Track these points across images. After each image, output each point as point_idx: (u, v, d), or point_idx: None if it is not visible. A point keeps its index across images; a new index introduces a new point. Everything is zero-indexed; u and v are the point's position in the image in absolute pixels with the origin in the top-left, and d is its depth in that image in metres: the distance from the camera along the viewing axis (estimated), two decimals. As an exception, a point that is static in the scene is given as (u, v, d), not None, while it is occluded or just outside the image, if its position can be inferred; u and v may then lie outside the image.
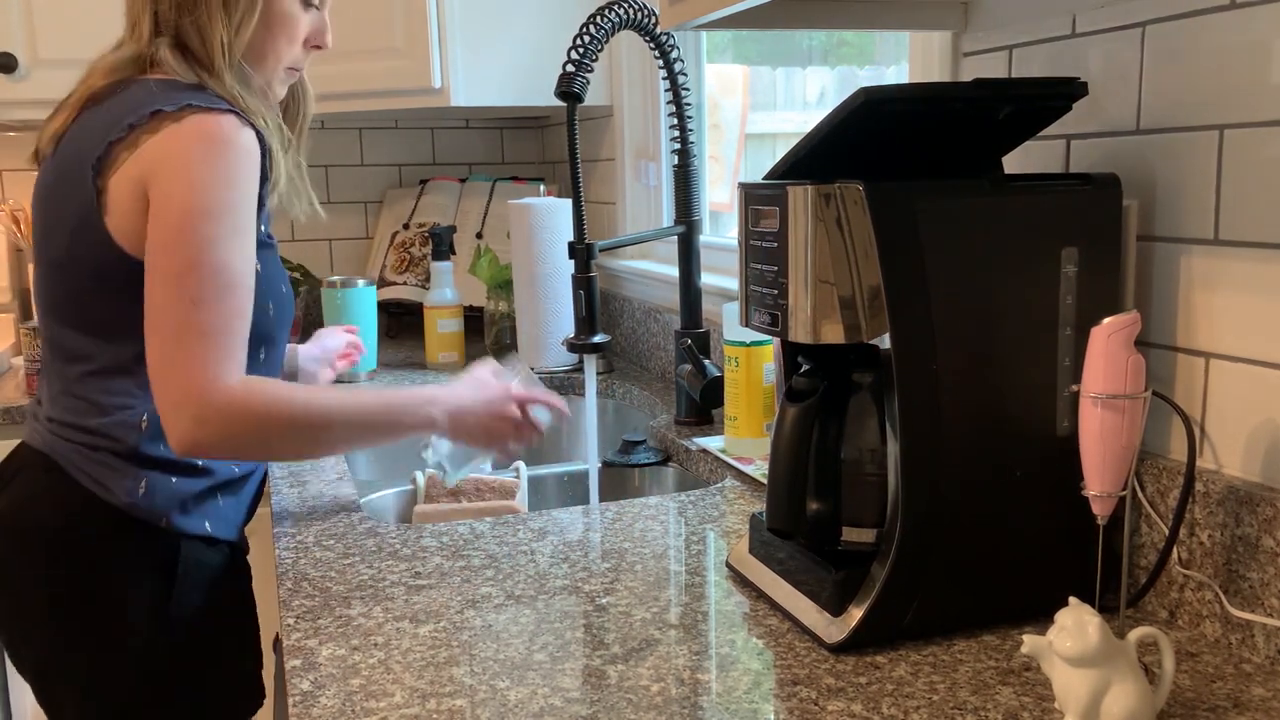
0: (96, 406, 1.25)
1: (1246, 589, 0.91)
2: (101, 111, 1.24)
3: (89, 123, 1.25)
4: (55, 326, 1.29)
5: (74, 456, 1.25)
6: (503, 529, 1.27)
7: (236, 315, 1.18)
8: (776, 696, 0.87)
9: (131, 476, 1.24)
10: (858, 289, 0.92)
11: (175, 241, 1.15)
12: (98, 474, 1.24)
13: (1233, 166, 0.92)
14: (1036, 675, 0.89)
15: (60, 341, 1.28)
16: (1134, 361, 0.85)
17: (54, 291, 1.28)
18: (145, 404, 1.23)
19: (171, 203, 1.16)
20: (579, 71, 1.55)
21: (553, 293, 2.14)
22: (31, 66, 2.31)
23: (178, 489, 1.26)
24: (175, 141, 1.17)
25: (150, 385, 1.17)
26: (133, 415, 1.24)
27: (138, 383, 1.23)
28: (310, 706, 0.86)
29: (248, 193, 1.20)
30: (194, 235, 1.15)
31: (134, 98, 1.22)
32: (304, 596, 1.08)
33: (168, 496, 1.25)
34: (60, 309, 1.28)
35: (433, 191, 2.80)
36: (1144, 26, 1.00)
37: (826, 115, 0.93)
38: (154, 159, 1.18)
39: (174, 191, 1.16)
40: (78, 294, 1.25)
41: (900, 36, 1.56)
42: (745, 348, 1.52)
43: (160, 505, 1.25)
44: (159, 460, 1.25)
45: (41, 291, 1.30)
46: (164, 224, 1.16)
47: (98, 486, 1.24)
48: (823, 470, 1.00)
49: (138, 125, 1.19)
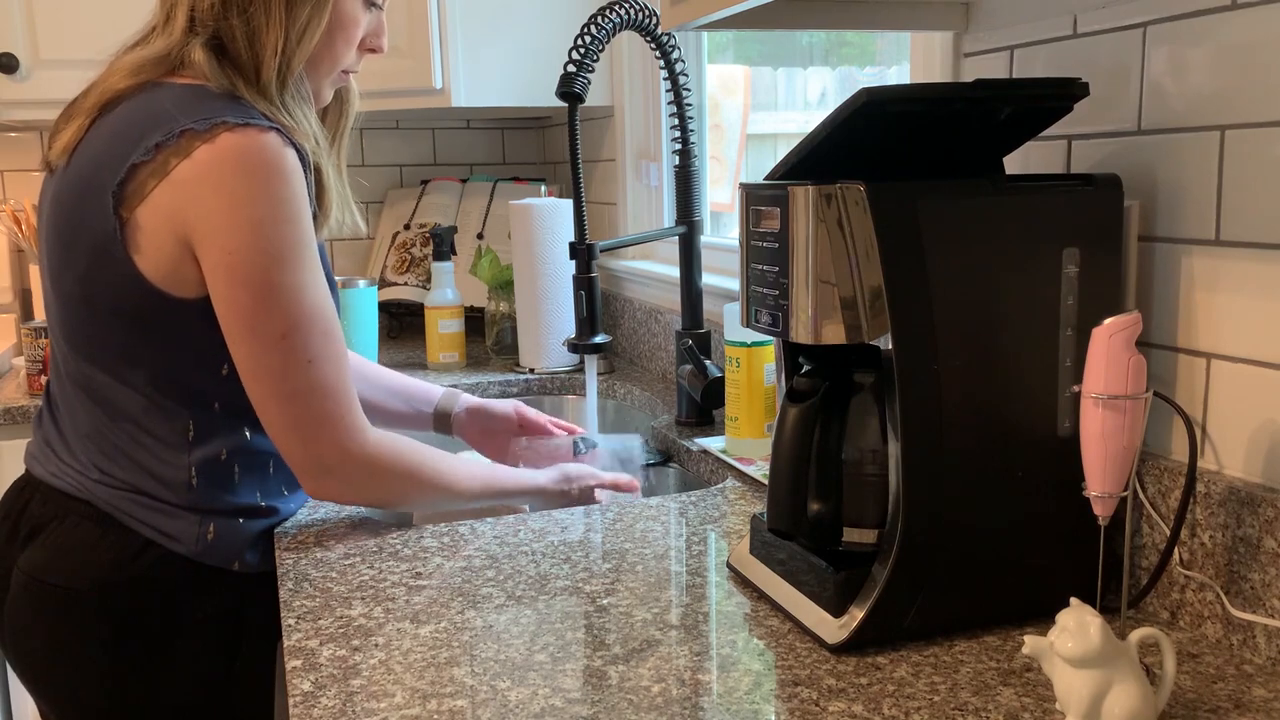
0: (137, 459, 1.17)
1: (1248, 590, 0.91)
2: (118, 121, 1.13)
3: (105, 133, 1.13)
4: (71, 355, 1.19)
5: (125, 505, 1.16)
6: (503, 529, 1.27)
7: (344, 359, 1.17)
8: (777, 697, 0.86)
9: (196, 523, 1.17)
10: (859, 289, 0.92)
11: (263, 302, 1.09)
12: (157, 522, 1.16)
13: (1234, 167, 0.92)
14: (1038, 676, 0.88)
15: (80, 374, 1.18)
16: (1135, 362, 0.85)
17: (73, 326, 1.18)
18: (188, 453, 1.17)
19: (239, 256, 1.08)
20: (580, 72, 1.55)
21: (554, 293, 2.14)
22: (32, 66, 2.31)
23: (245, 530, 1.21)
24: (213, 172, 1.07)
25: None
26: (180, 461, 1.17)
27: (175, 428, 1.17)
28: (311, 707, 0.86)
29: (307, 221, 1.13)
30: (280, 289, 1.09)
31: (156, 108, 1.11)
32: (305, 597, 1.08)
33: (237, 540, 1.20)
34: (75, 339, 1.18)
35: (434, 192, 2.80)
36: (1145, 27, 1.00)
37: (828, 116, 0.93)
38: (190, 191, 1.07)
39: (234, 241, 1.07)
40: (96, 327, 1.16)
41: (901, 37, 1.56)
42: (746, 348, 1.52)
43: (231, 548, 1.19)
44: (221, 507, 1.19)
45: (59, 320, 1.20)
46: (241, 281, 1.08)
47: (159, 535, 1.16)
48: (824, 471, 1.00)
49: (164, 146, 1.07)
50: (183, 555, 1.16)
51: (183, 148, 1.07)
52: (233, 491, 1.20)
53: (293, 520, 1.31)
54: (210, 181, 1.07)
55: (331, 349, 1.15)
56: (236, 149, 1.07)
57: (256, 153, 1.07)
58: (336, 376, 1.15)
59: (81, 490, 1.17)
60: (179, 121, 1.08)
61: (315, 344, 1.12)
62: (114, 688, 1.18)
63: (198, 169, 1.07)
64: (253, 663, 1.23)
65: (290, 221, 1.10)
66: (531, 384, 2.17)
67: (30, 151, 2.66)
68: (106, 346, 1.16)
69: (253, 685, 1.24)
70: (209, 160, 1.07)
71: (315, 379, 1.13)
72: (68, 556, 1.16)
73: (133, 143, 1.09)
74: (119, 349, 1.15)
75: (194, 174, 1.07)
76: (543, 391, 2.18)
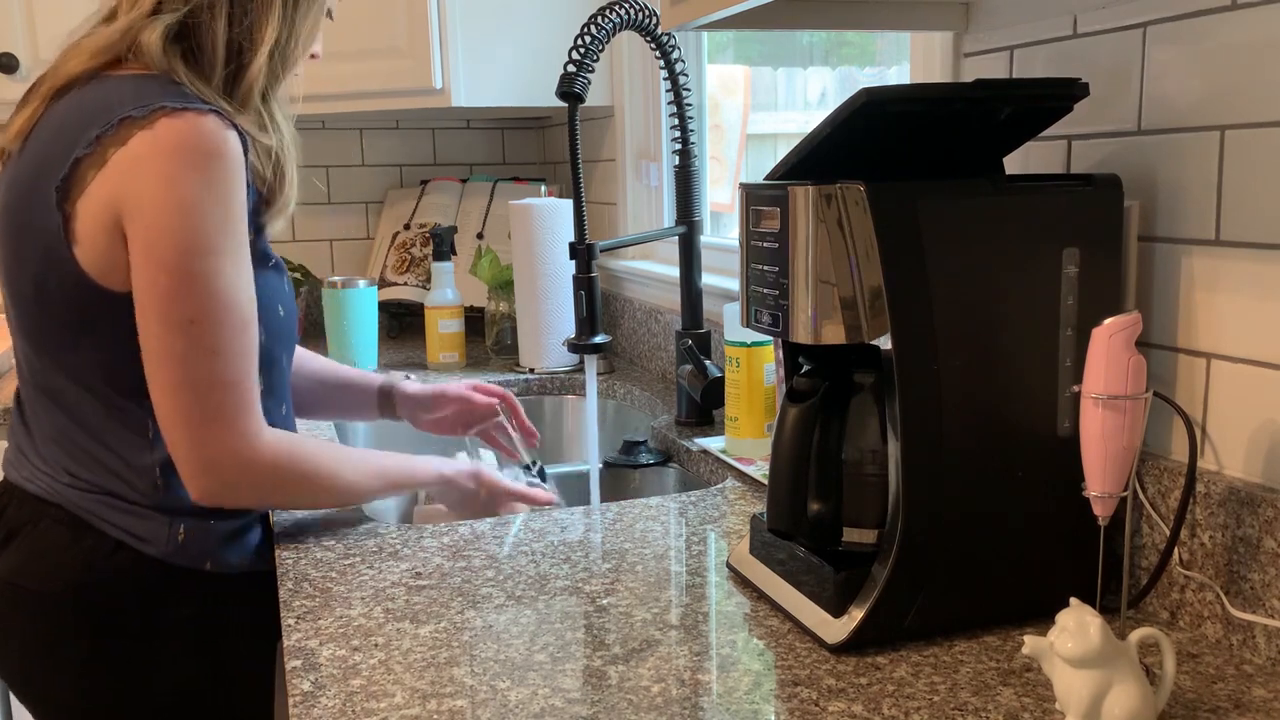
0: (104, 462, 1.15)
1: (1247, 590, 0.91)
2: (66, 111, 1.11)
3: (54, 124, 1.11)
4: (31, 354, 1.17)
5: (96, 508, 1.15)
6: (503, 529, 1.27)
7: (252, 355, 1.11)
8: (777, 697, 0.86)
9: (167, 524, 1.16)
10: (859, 289, 0.92)
11: (178, 286, 1.05)
12: (127, 525, 1.15)
13: (1234, 167, 0.92)
14: (1038, 676, 0.88)
15: (39, 378, 1.17)
16: (1135, 362, 0.85)
17: (30, 327, 1.16)
18: (151, 455, 1.15)
19: (162, 237, 1.05)
20: (580, 72, 1.55)
21: (553, 293, 2.14)
22: (32, 67, 2.31)
23: (217, 530, 1.19)
24: (148, 155, 1.04)
25: (165, 440, 1.11)
26: (144, 473, 1.15)
27: (136, 430, 1.15)
28: (311, 707, 0.86)
29: (240, 209, 1.09)
30: (198, 275, 1.06)
31: (104, 97, 1.09)
32: (304, 597, 1.08)
33: (208, 539, 1.18)
34: (38, 344, 1.16)
35: (434, 192, 2.80)
36: (1145, 27, 1.00)
37: (828, 116, 0.93)
38: (124, 176, 1.05)
39: (161, 221, 1.04)
40: (55, 332, 1.13)
41: (901, 37, 1.56)
42: (746, 348, 1.52)
43: (202, 549, 1.18)
44: (190, 508, 1.16)
45: (17, 322, 1.18)
46: (158, 262, 1.05)
47: (130, 537, 1.15)
48: (824, 471, 1.00)
49: (104, 136, 1.05)
50: (154, 557, 1.15)
51: (120, 136, 1.05)
52: None
53: (292, 520, 1.31)
54: (145, 165, 1.05)
55: (240, 344, 1.10)
56: (174, 132, 1.05)
57: (193, 135, 1.05)
58: (239, 373, 1.09)
59: (53, 494, 1.16)
60: (117, 111, 1.06)
61: (223, 336, 1.08)
62: (91, 688, 1.18)
63: (133, 155, 1.05)
64: (237, 663, 1.22)
65: (220, 204, 1.07)
66: (531, 384, 2.17)
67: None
68: (61, 347, 1.14)
69: (238, 686, 1.23)
70: (146, 145, 1.05)
71: (216, 372, 1.08)
72: (41, 560, 1.16)
73: (75, 136, 1.07)
74: (71, 349, 1.13)
75: (129, 160, 1.05)
76: (543, 391, 2.18)
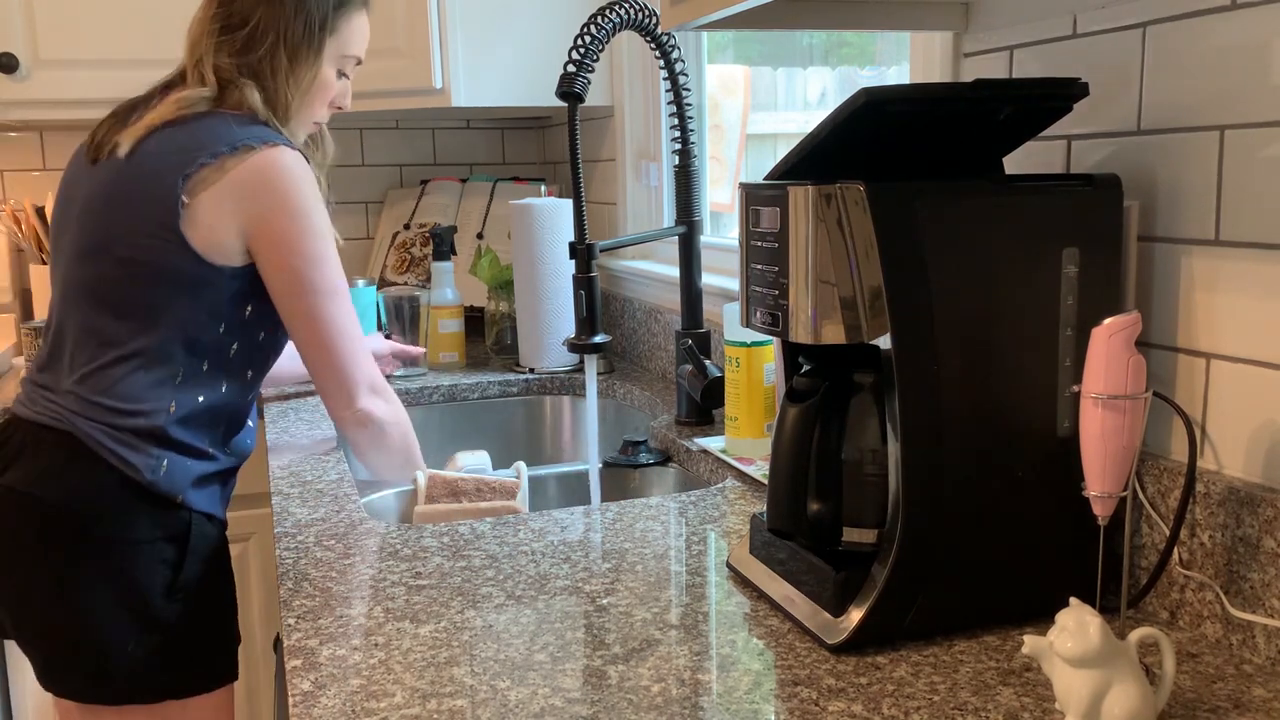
0: (129, 390, 1.40)
1: (1247, 590, 0.91)
2: (181, 133, 1.45)
3: (169, 140, 1.44)
4: (90, 311, 1.43)
5: (99, 435, 1.38)
6: (503, 529, 1.27)
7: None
8: (777, 697, 0.87)
9: (154, 456, 1.40)
10: (859, 289, 0.92)
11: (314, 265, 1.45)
12: (123, 452, 1.38)
13: (1234, 167, 0.92)
14: (1037, 676, 0.89)
15: (95, 326, 1.43)
16: (1135, 362, 0.85)
17: (100, 280, 1.43)
18: (175, 392, 1.42)
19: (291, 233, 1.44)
20: (580, 72, 1.55)
21: (553, 293, 2.14)
22: (32, 67, 2.31)
23: (192, 469, 1.43)
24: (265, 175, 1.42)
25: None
26: (163, 402, 1.41)
27: (170, 371, 1.42)
28: (311, 706, 0.86)
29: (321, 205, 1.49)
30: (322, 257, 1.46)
31: (216, 128, 1.45)
32: (304, 597, 1.08)
33: (184, 476, 1.42)
34: (101, 296, 1.43)
35: (434, 192, 2.80)
36: (1145, 27, 1.00)
37: (827, 116, 0.93)
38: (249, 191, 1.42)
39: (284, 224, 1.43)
40: (130, 286, 1.42)
41: (901, 37, 1.56)
42: (746, 348, 1.52)
43: (178, 483, 1.41)
44: (180, 443, 1.42)
45: (85, 282, 1.45)
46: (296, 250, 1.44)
47: (123, 464, 1.38)
48: (824, 470, 1.00)
49: (227, 155, 1.42)
50: (138, 481, 1.38)
51: (240, 156, 1.42)
52: (191, 434, 1.43)
53: (292, 520, 1.31)
54: (263, 183, 1.43)
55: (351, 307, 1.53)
56: (279, 160, 1.45)
57: (292, 163, 1.46)
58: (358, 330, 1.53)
59: (62, 422, 1.39)
60: (238, 137, 1.43)
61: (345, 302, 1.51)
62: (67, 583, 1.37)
63: (252, 173, 1.42)
64: (191, 581, 1.43)
65: (320, 207, 1.48)
66: (531, 384, 2.17)
67: (30, 152, 2.66)
68: (131, 299, 1.42)
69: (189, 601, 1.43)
70: (261, 167, 1.43)
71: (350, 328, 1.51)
72: (43, 474, 1.38)
73: (197, 149, 1.42)
74: (145, 299, 1.42)
75: (249, 177, 1.42)
76: (543, 391, 2.18)
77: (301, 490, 1.45)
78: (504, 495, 1.52)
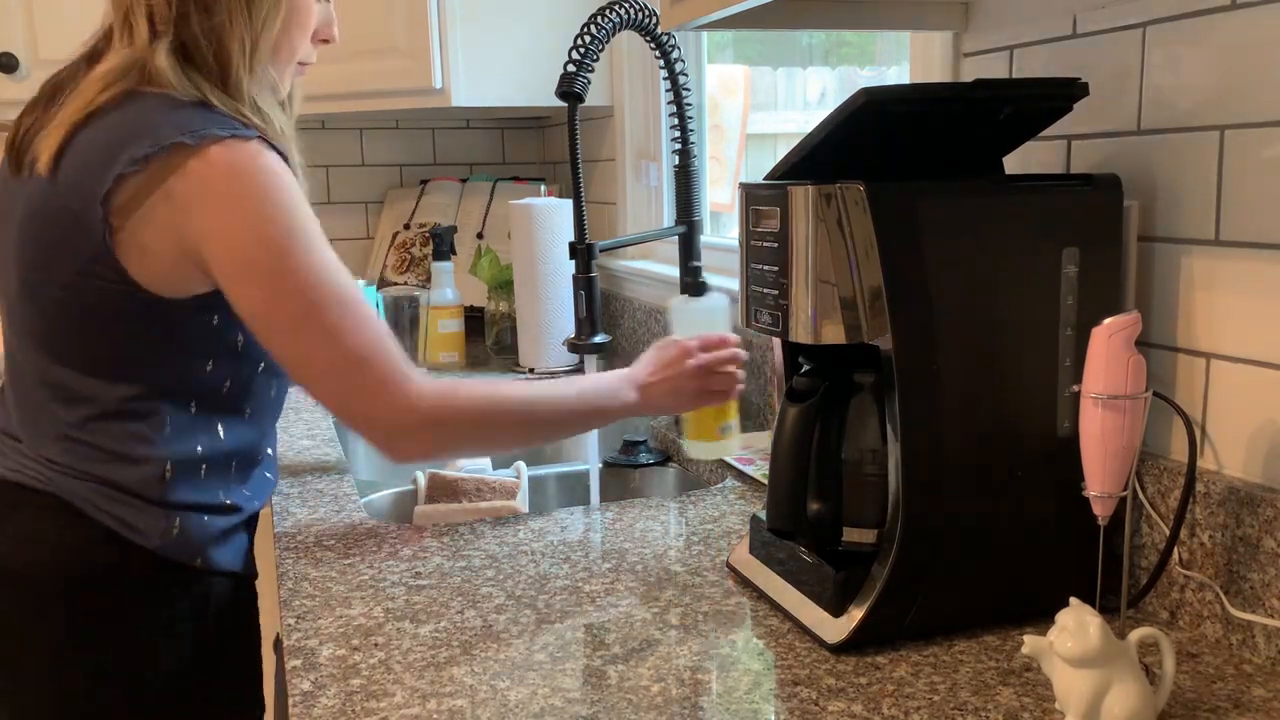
0: (111, 454, 1.16)
1: (1247, 589, 0.91)
2: (99, 132, 1.13)
3: (86, 146, 1.14)
4: (47, 363, 1.18)
5: (92, 496, 1.15)
6: (503, 529, 1.27)
7: (374, 322, 1.16)
8: (777, 697, 0.86)
9: (163, 518, 1.17)
10: (858, 289, 0.92)
11: (280, 288, 1.11)
12: (123, 514, 1.16)
13: (1233, 167, 0.92)
14: (1037, 676, 0.88)
15: (56, 380, 1.18)
16: (1135, 362, 0.85)
17: (50, 333, 1.18)
18: (164, 449, 1.17)
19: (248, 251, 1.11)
20: (580, 71, 1.55)
21: (553, 293, 2.14)
22: (32, 66, 2.31)
23: (210, 527, 1.20)
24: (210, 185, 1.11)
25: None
26: (154, 468, 1.17)
27: (151, 425, 1.17)
28: (311, 706, 0.86)
29: (304, 207, 1.15)
30: (293, 270, 1.12)
31: (138, 120, 1.12)
32: (304, 596, 1.08)
33: (202, 535, 1.19)
34: (55, 346, 1.18)
35: (433, 191, 2.80)
36: (1145, 27, 1.00)
37: (827, 116, 0.93)
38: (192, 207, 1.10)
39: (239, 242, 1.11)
40: (81, 332, 1.16)
41: (901, 37, 1.56)
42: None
43: (194, 545, 1.18)
44: (189, 503, 1.18)
45: (27, 328, 1.19)
46: (255, 277, 1.12)
47: (124, 528, 1.15)
48: (823, 470, 1.00)
49: (153, 158, 1.09)
50: (145, 548, 1.15)
51: (175, 163, 1.09)
52: (201, 488, 1.20)
53: (292, 520, 1.31)
54: (209, 195, 1.10)
55: (360, 317, 1.15)
56: (227, 162, 1.10)
57: (248, 159, 1.11)
58: (372, 341, 1.15)
59: (43, 483, 1.16)
60: (165, 134, 1.10)
61: (336, 316, 1.13)
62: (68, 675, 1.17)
63: (194, 184, 1.10)
64: (219, 660, 1.22)
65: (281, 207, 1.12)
66: (531, 384, 2.17)
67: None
68: (89, 349, 1.16)
69: (219, 682, 1.23)
70: (203, 175, 1.10)
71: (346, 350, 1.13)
72: (27, 545, 1.16)
73: (115, 154, 1.10)
74: (106, 350, 1.16)
75: (191, 189, 1.10)
76: (542, 391, 2.18)
77: (301, 490, 1.45)
78: (504, 495, 1.52)
